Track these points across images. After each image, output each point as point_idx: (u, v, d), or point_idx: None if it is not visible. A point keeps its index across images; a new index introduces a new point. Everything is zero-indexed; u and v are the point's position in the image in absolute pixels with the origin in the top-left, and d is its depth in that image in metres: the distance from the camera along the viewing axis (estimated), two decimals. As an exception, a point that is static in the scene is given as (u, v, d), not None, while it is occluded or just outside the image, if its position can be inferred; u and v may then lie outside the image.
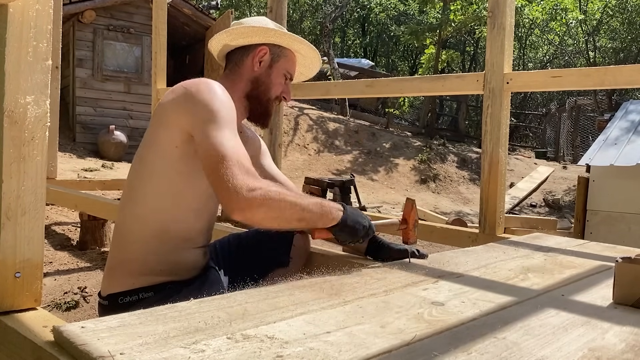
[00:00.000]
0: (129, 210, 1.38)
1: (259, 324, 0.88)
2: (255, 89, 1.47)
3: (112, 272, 1.38)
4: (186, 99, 1.27)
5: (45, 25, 1.08)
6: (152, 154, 1.33)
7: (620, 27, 14.51)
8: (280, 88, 1.50)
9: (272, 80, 1.48)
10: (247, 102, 1.48)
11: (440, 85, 2.67)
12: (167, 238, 1.35)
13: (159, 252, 1.34)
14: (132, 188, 1.37)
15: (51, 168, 4.23)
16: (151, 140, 1.34)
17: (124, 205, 1.40)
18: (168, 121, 1.29)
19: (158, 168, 1.32)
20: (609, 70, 2.10)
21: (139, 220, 1.35)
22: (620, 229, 3.68)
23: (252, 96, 1.47)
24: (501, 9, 2.36)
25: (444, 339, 0.85)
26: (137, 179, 1.36)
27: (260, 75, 1.47)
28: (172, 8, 8.56)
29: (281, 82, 1.50)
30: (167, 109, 1.30)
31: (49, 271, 2.91)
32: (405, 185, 10.16)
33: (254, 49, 1.46)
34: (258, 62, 1.46)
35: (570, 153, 13.25)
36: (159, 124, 1.32)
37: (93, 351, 0.74)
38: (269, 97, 1.48)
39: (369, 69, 15.82)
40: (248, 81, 1.46)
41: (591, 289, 1.23)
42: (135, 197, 1.36)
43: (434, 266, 1.40)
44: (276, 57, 1.48)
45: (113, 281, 1.36)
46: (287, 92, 1.53)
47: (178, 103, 1.28)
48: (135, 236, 1.36)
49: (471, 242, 2.34)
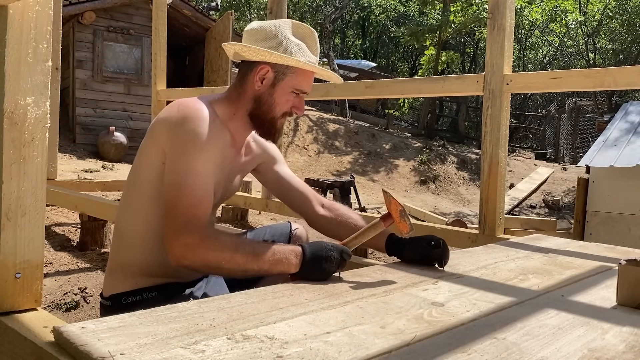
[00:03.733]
0: (128, 212, 1.38)
1: (259, 325, 0.88)
2: (258, 107, 1.40)
3: (113, 273, 1.38)
4: (172, 121, 1.29)
5: (45, 27, 1.08)
6: (143, 164, 1.35)
7: (620, 29, 14.51)
8: (286, 105, 1.41)
9: (274, 100, 1.39)
10: (251, 120, 1.42)
11: (440, 87, 2.67)
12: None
13: (159, 253, 1.34)
14: (130, 191, 1.38)
15: (51, 169, 4.23)
16: (144, 151, 1.36)
17: (124, 207, 1.41)
18: (157, 137, 1.31)
19: (150, 177, 1.33)
20: (609, 71, 2.10)
21: (138, 222, 1.36)
22: (620, 230, 3.67)
23: (254, 115, 1.41)
24: (501, 10, 2.36)
25: (444, 340, 0.85)
26: (134, 183, 1.37)
27: (262, 95, 1.39)
28: (172, 9, 8.56)
29: (288, 100, 1.41)
30: (158, 124, 1.33)
31: (49, 272, 2.91)
32: (405, 186, 10.16)
33: (256, 65, 1.38)
34: (259, 81, 1.38)
35: (570, 154, 13.25)
36: (150, 137, 1.34)
37: (93, 351, 0.74)
38: (273, 116, 1.41)
39: (369, 70, 15.83)
40: (251, 99, 1.40)
41: (591, 290, 1.23)
42: (134, 199, 1.37)
43: (434, 267, 1.40)
44: (280, 75, 1.38)
45: (115, 282, 1.36)
46: (298, 107, 1.43)
47: (167, 123, 1.30)
48: (136, 238, 1.36)
49: (471, 243, 2.34)
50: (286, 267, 1.23)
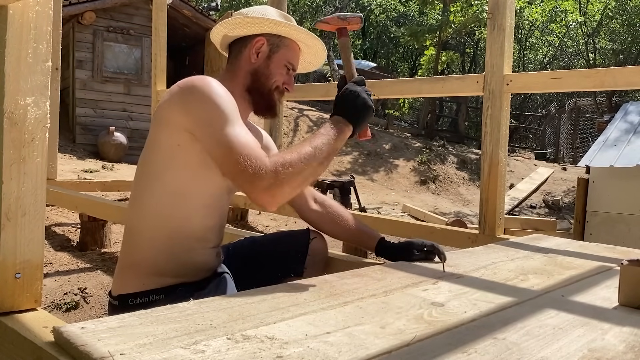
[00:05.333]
0: (137, 211, 1.37)
1: (259, 325, 0.88)
2: (255, 81, 1.43)
3: (122, 272, 1.38)
4: (182, 98, 1.27)
5: (45, 27, 1.08)
6: (155, 155, 1.33)
7: (620, 29, 14.50)
8: (281, 79, 1.45)
9: (271, 71, 1.43)
10: (249, 95, 1.44)
11: (440, 87, 2.67)
12: (177, 237, 1.35)
13: (169, 252, 1.34)
14: (139, 188, 1.37)
15: (51, 169, 4.22)
16: (153, 142, 1.34)
17: (133, 205, 1.40)
18: (167, 121, 1.29)
19: (162, 167, 1.32)
20: (609, 71, 2.10)
21: (147, 219, 1.35)
22: (620, 230, 3.67)
23: (253, 89, 1.43)
24: (501, 10, 2.36)
25: (444, 340, 0.85)
26: (143, 179, 1.36)
27: (259, 67, 1.43)
28: (172, 9, 8.56)
29: (282, 73, 1.45)
30: (164, 109, 1.30)
31: (49, 272, 2.91)
32: (405, 186, 10.16)
33: (251, 40, 1.42)
34: (255, 54, 1.42)
35: (570, 154, 13.26)
36: (159, 125, 1.32)
37: (93, 352, 0.74)
38: (270, 87, 1.44)
39: (369, 70, 15.83)
40: (247, 74, 1.43)
41: (591, 290, 1.23)
42: (143, 197, 1.36)
43: (433, 267, 1.40)
44: (275, 48, 1.44)
45: (124, 282, 1.36)
46: (289, 83, 1.48)
47: (174, 102, 1.28)
48: (145, 236, 1.35)
49: (471, 243, 2.34)
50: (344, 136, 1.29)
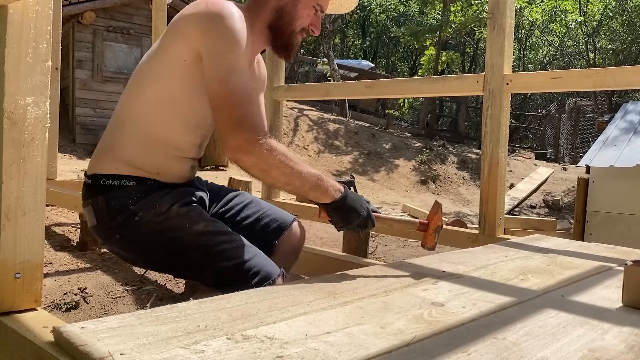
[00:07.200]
0: (127, 104, 1.39)
1: (259, 325, 0.88)
2: (279, 19, 1.39)
3: (99, 154, 1.40)
4: (206, 18, 1.25)
5: (45, 27, 1.08)
6: (159, 61, 1.34)
7: (620, 29, 14.51)
8: (307, 20, 1.41)
9: (297, 12, 1.39)
10: (269, 32, 1.41)
11: (440, 87, 2.67)
12: (156, 141, 1.36)
13: (146, 150, 1.36)
14: (141, 81, 1.38)
15: (51, 169, 4.22)
16: (163, 47, 1.34)
17: (128, 95, 1.41)
18: (183, 33, 1.28)
19: (161, 74, 1.33)
20: (609, 71, 2.10)
21: (133, 117, 1.37)
22: (620, 230, 3.67)
23: (274, 27, 1.40)
24: (501, 10, 2.36)
25: (444, 340, 0.85)
26: (142, 78, 1.37)
27: (285, 5, 1.38)
28: (172, 9, 8.56)
29: (309, 14, 1.40)
30: (186, 20, 1.29)
31: (49, 272, 2.91)
32: (405, 186, 10.16)
33: None
34: None
35: (570, 154, 13.25)
36: (174, 34, 1.31)
37: (93, 352, 0.74)
38: (293, 29, 1.40)
39: (369, 70, 15.83)
40: (272, 10, 1.39)
41: (591, 290, 1.23)
42: (137, 94, 1.38)
43: (433, 267, 1.40)
44: None
45: (99, 163, 1.38)
46: (315, 25, 1.43)
47: (197, 19, 1.27)
48: (127, 130, 1.38)
49: (471, 243, 2.34)
50: (322, 196, 1.26)
